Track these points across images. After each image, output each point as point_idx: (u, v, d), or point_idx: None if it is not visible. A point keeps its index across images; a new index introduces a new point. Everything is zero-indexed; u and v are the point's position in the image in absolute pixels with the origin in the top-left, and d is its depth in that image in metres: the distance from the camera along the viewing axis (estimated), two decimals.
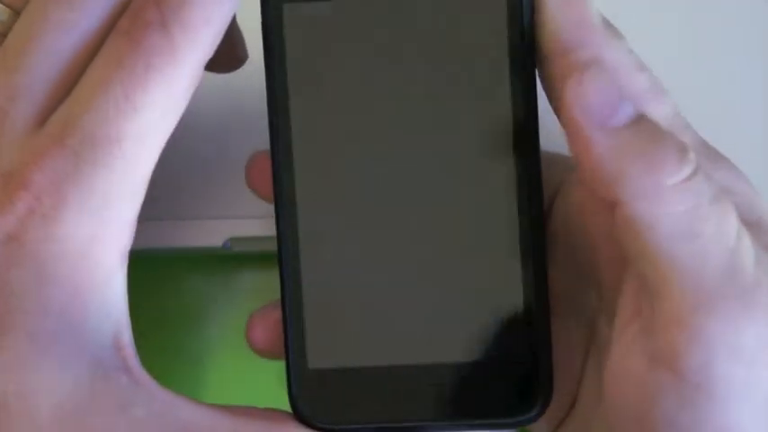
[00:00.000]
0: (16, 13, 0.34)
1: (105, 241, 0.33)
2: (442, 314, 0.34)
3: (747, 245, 0.31)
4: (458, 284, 0.34)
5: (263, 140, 0.36)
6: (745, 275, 0.31)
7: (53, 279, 0.33)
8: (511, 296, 0.33)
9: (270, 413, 0.35)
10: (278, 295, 0.36)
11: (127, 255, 0.34)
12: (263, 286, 0.45)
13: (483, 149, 0.33)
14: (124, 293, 0.34)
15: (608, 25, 0.34)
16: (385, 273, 0.34)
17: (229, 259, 0.44)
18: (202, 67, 0.34)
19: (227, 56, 0.37)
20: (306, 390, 0.35)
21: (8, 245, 0.32)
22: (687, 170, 0.31)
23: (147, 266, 0.38)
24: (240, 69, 0.38)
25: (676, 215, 0.31)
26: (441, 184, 0.34)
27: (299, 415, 0.35)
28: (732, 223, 0.31)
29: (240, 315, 0.45)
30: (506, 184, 0.33)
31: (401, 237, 0.34)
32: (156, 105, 0.33)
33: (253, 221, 0.43)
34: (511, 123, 0.33)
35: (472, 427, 0.35)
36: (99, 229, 0.33)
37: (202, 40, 0.33)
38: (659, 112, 0.34)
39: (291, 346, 0.35)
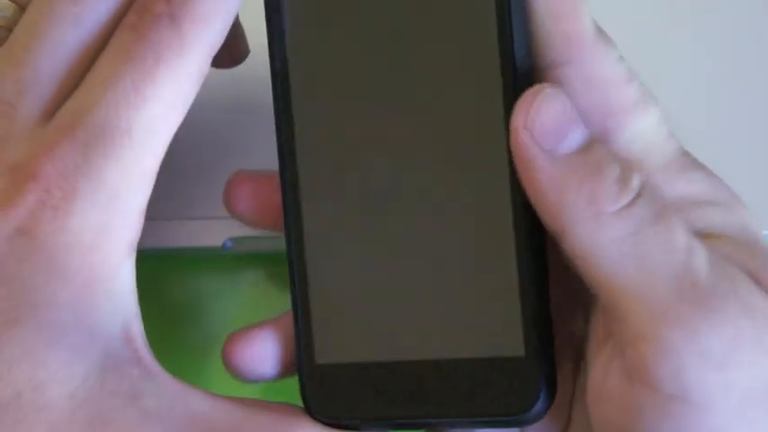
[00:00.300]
0: (21, 8, 0.34)
1: (114, 232, 0.33)
2: (446, 311, 0.34)
3: (700, 254, 0.32)
4: (461, 282, 0.34)
5: (263, 140, 0.36)
6: (700, 284, 0.31)
7: (63, 271, 0.33)
8: (513, 294, 0.33)
9: (281, 406, 0.35)
10: (276, 295, 0.36)
11: (135, 246, 0.34)
12: (262, 286, 0.45)
13: (487, 148, 0.33)
14: (133, 285, 0.34)
15: (599, 33, 0.34)
16: (390, 271, 0.34)
17: (229, 259, 0.44)
18: (210, 59, 0.34)
19: (229, 51, 0.37)
20: (314, 384, 0.35)
21: (18, 238, 0.32)
22: (627, 198, 0.32)
23: (147, 266, 0.38)
24: (240, 69, 0.39)
25: (619, 240, 0.32)
26: (443, 184, 0.34)
27: (308, 408, 0.35)
28: (679, 238, 0.32)
29: (240, 315, 0.45)
30: (509, 181, 0.33)
31: (405, 235, 0.34)
32: (166, 97, 0.33)
33: None
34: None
35: (476, 423, 0.35)
36: (108, 220, 0.33)
37: (211, 33, 0.33)
38: (638, 127, 0.34)
39: (301, 343, 0.35)
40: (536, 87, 0.32)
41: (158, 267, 0.44)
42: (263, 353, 0.36)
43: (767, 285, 0.32)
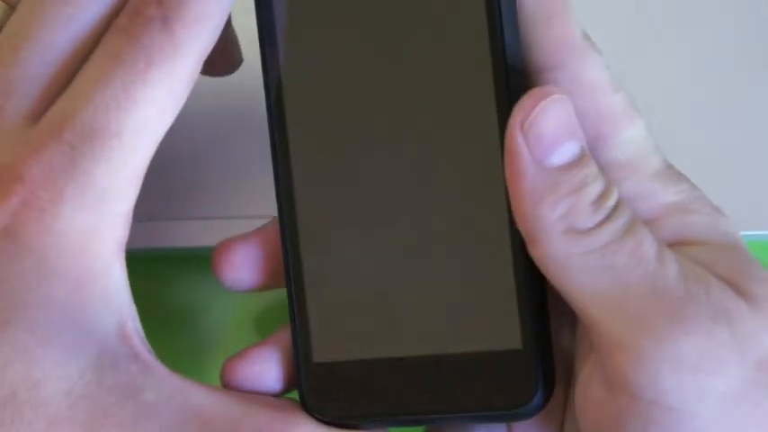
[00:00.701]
0: (11, 7, 0.34)
1: (103, 233, 0.33)
2: (442, 306, 0.34)
3: (670, 263, 0.32)
4: (457, 277, 0.34)
5: (262, 140, 0.36)
6: (671, 293, 0.32)
7: (53, 272, 0.33)
8: (510, 286, 0.33)
9: (281, 402, 0.35)
10: (275, 295, 0.36)
11: (124, 245, 0.34)
12: None
13: (482, 149, 0.33)
14: (125, 283, 0.34)
15: (587, 39, 0.34)
16: (387, 267, 0.34)
17: None
18: (202, 62, 0.34)
19: (223, 59, 0.37)
20: (312, 383, 0.35)
21: (4, 239, 0.33)
22: (601, 216, 0.32)
23: (146, 266, 0.38)
24: (243, 74, 0.38)
25: (589, 254, 0.32)
26: (438, 180, 0.34)
27: (306, 406, 0.35)
28: (648, 248, 0.32)
29: (239, 315, 0.44)
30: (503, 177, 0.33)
31: (401, 231, 0.34)
32: (157, 100, 0.33)
33: (252, 221, 0.43)
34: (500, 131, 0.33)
35: (475, 418, 0.35)
36: (96, 222, 0.33)
37: (203, 36, 0.33)
38: (630, 135, 0.34)
39: (298, 342, 0.35)
40: (544, 89, 0.32)
41: (158, 268, 0.44)
42: (264, 372, 0.36)
43: (746, 290, 0.32)
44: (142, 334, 0.35)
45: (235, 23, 0.37)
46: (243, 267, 0.37)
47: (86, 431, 0.33)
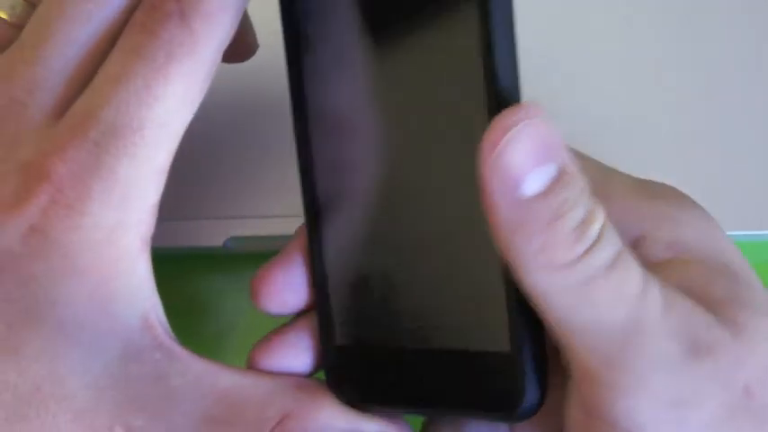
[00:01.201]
0: (31, 5, 0.34)
1: (128, 229, 0.33)
2: (440, 305, 0.34)
3: (654, 298, 0.31)
4: (453, 278, 0.34)
5: (263, 140, 0.36)
6: (652, 329, 0.31)
7: (79, 269, 0.33)
8: (498, 292, 0.33)
9: (307, 382, 0.36)
10: None
11: (149, 240, 0.34)
12: None
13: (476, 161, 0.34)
14: (150, 275, 0.35)
15: None
16: (392, 265, 0.35)
17: (229, 259, 0.44)
18: (221, 54, 0.34)
19: (238, 46, 0.37)
20: (332, 365, 0.36)
21: (32, 237, 0.33)
22: (583, 247, 0.30)
23: (160, 266, 0.38)
24: (242, 73, 0.39)
25: (569, 288, 0.30)
26: (439, 186, 0.34)
27: (330, 386, 0.36)
28: (631, 286, 0.31)
29: (240, 315, 0.44)
30: None
31: (405, 228, 0.34)
32: (177, 95, 0.33)
33: (253, 221, 0.43)
34: None
35: (471, 416, 0.35)
36: (122, 218, 0.33)
37: (221, 29, 0.33)
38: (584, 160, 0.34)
39: (322, 325, 0.36)
40: (512, 114, 0.30)
41: (158, 267, 0.43)
42: (293, 354, 0.36)
43: (733, 317, 0.32)
44: (165, 323, 0.35)
45: (249, 9, 0.37)
46: (285, 291, 0.36)
47: (113, 419, 0.33)
